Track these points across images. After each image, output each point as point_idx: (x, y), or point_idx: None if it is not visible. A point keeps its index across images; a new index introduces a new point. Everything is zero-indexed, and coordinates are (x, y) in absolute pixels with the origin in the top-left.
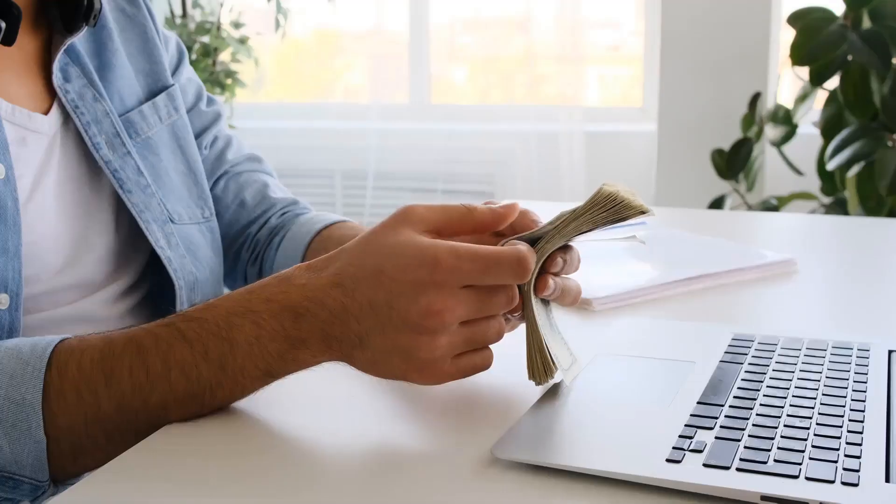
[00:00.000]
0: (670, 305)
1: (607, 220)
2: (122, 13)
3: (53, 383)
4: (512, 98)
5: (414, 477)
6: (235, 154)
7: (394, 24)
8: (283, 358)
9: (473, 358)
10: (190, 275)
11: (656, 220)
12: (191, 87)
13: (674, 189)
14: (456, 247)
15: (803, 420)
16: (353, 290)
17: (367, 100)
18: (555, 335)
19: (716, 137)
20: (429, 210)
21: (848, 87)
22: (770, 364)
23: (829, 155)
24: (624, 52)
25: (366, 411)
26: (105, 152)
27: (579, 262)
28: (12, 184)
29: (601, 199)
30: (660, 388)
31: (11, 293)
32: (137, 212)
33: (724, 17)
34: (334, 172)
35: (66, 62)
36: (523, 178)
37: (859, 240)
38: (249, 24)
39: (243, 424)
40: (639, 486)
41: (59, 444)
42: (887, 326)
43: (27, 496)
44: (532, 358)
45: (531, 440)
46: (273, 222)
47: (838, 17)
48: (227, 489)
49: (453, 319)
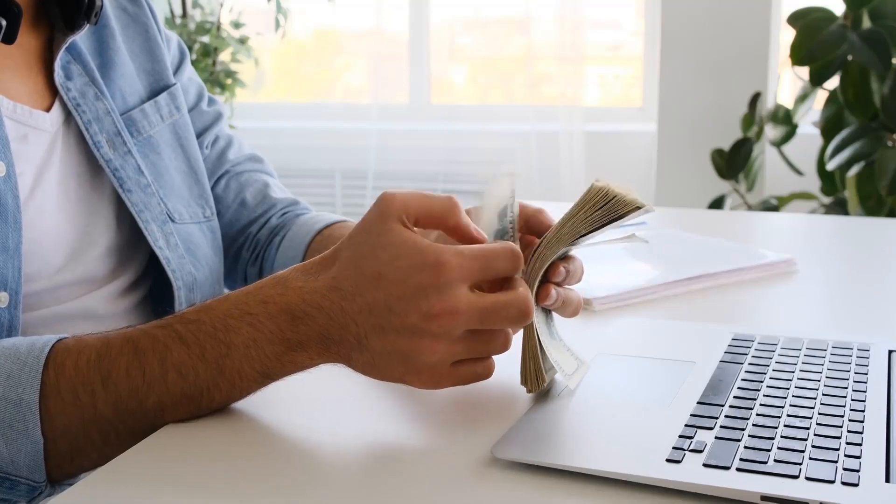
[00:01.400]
0: (670, 305)
1: (604, 219)
2: (123, 12)
3: (50, 383)
4: (512, 98)
5: (414, 477)
6: (236, 154)
7: (394, 24)
8: (280, 360)
9: (475, 367)
10: (189, 275)
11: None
12: (192, 86)
13: (674, 189)
14: (457, 248)
15: (803, 420)
16: (352, 294)
17: (367, 100)
18: (556, 342)
19: (716, 137)
20: (410, 197)
21: (848, 87)
22: (770, 364)
23: (829, 155)
24: (624, 52)
25: (366, 411)
26: (105, 151)
27: (582, 274)
28: (13, 181)
29: (592, 196)
30: (660, 388)
31: (11, 291)
32: (137, 211)
33: (724, 17)
34: (334, 172)
35: (67, 60)
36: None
37: (859, 240)
38: (249, 24)
39: (243, 424)
40: (639, 486)
41: (55, 445)
42: (887, 326)
43: (24, 497)
44: (526, 365)
45: (531, 440)
46: (273, 222)
47: (838, 17)
48: (227, 489)
49: (456, 323)
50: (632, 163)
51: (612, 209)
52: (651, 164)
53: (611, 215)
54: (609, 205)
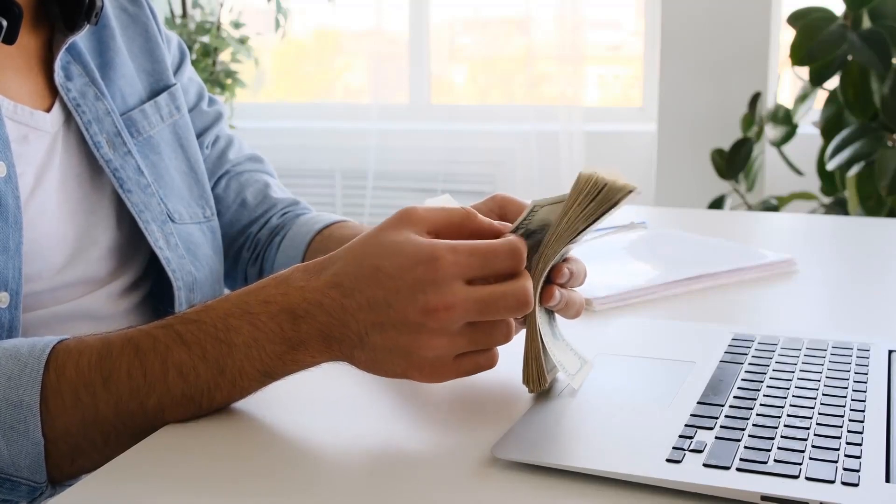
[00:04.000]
0: (670, 305)
1: (599, 209)
2: (124, 12)
3: (51, 385)
4: (512, 98)
5: (414, 477)
6: (237, 154)
7: (394, 24)
8: (281, 359)
9: (477, 358)
10: (189, 275)
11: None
12: (192, 87)
13: (674, 189)
14: (453, 243)
15: (803, 420)
16: (352, 290)
17: (367, 100)
18: (558, 343)
19: (716, 137)
20: (429, 212)
21: (848, 87)
22: (770, 364)
23: (829, 155)
24: (624, 52)
25: (366, 411)
26: (105, 151)
27: (585, 277)
28: (14, 181)
29: (582, 186)
30: (660, 388)
31: (11, 291)
32: (137, 212)
33: (724, 17)
34: (334, 172)
35: (67, 60)
36: (523, 178)
37: (859, 240)
38: (249, 24)
39: (243, 424)
40: (639, 486)
41: (56, 446)
42: (887, 326)
43: (25, 497)
44: (528, 365)
45: (531, 440)
46: (274, 222)
47: (838, 17)
48: (227, 489)
49: (453, 317)
50: (632, 163)
51: (605, 198)
52: (651, 164)
53: (605, 204)
54: (602, 194)
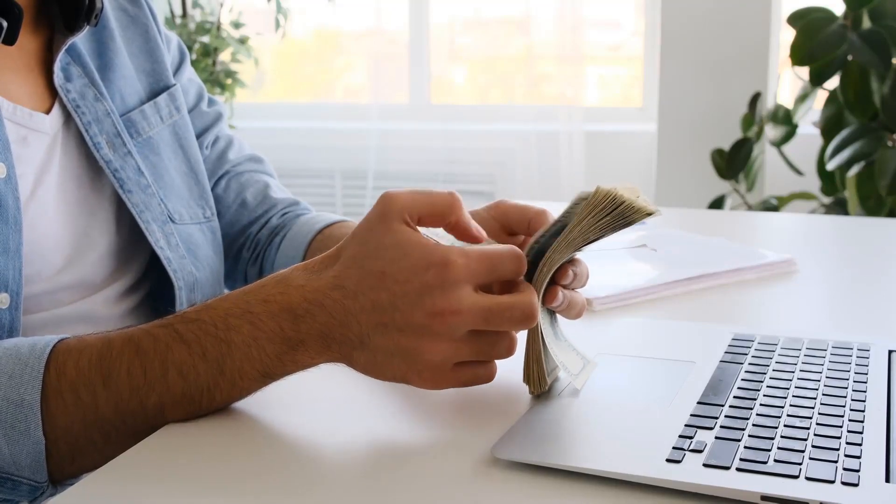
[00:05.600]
0: (670, 305)
1: (613, 225)
2: (123, 13)
3: (52, 384)
4: (512, 98)
5: (414, 477)
6: (237, 154)
7: (394, 24)
8: (281, 359)
9: (476, 369)
10: (189, 275)
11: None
12: (192, 87)
13: (674, 189)
14: (463, 248)
15: (803, 420)
16: (355, 292)
17: (367, 100)
18: (561, 343)
19: (716, 137)
20: (412, 198)
21: (848, 87)
22: (770, 364)
23: (829, 155)
24: (624, 52)
25: (366, 411)
26: (105, 152)
27: (587, 278)
28: (13, 182)
29: (600, 200)
30: (660, 388)
31: (12, 292)
32: (137, 212)
33: (724, 17)
34: (334, 172)
35: (67, 61)
36: (523, 178)
37: (859, 240)
38: (249, 24)
39: (243, 424)
40: (639, 486)
41: (57, 445)
42: (887, 326)
43: (26, 497)
44: (529, 366)
45: (531, 440)
46: (274, 222)
47: (838, 17)
48: (227, 489)
49: (459, 322)
50: (632, 163)
51: (621, 214)
52: (651, 164)
53: (621, 221)
54: (618, 210)
